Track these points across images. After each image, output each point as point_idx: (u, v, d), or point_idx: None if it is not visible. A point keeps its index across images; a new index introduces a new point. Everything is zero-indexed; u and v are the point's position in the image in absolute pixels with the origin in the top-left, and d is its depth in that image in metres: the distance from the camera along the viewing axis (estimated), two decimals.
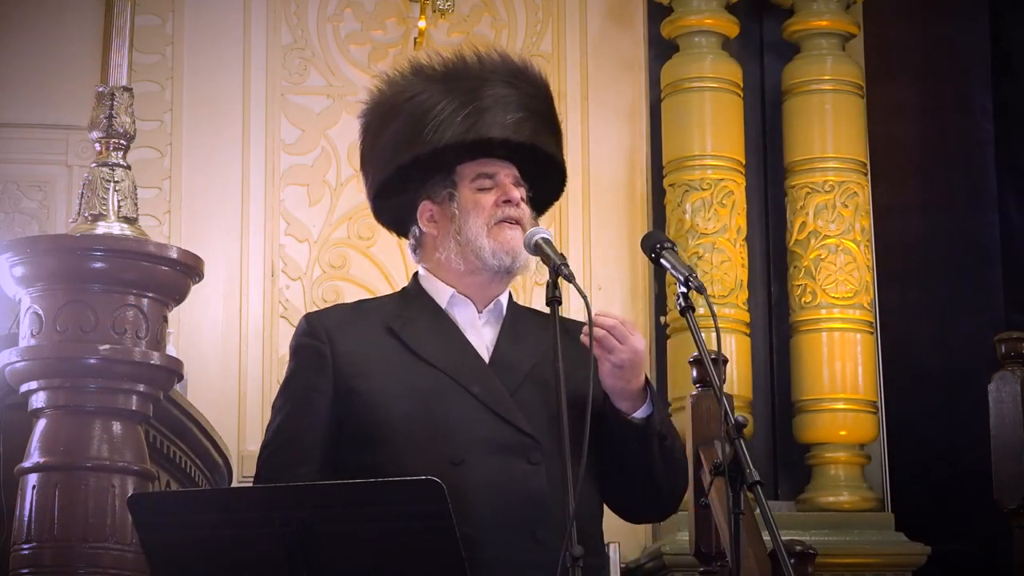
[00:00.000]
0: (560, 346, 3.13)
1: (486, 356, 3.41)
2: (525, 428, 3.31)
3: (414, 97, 3.51)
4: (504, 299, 3.49)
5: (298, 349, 3.45)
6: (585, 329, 3.24)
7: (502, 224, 3.43)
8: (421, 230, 3.53)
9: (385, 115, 3.57)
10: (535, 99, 3.54)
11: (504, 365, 3.39)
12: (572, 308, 6.13)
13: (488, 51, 3.58)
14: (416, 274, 3.55)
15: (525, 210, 3.48)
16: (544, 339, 3.29)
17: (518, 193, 3.47)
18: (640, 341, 3.31)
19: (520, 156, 3.51)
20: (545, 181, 3.59)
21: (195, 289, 4.14)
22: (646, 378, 3.37)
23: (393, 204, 3.61)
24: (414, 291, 3.52)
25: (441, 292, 3.47)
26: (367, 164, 3.65)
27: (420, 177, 3.52)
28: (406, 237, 3.62)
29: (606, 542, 3.52)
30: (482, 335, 3.45)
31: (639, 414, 3.35)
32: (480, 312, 3.46)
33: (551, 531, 3.18)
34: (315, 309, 3.62)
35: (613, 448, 3.36)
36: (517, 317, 3.49)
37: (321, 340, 3.41)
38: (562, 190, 3.66)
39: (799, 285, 7.13)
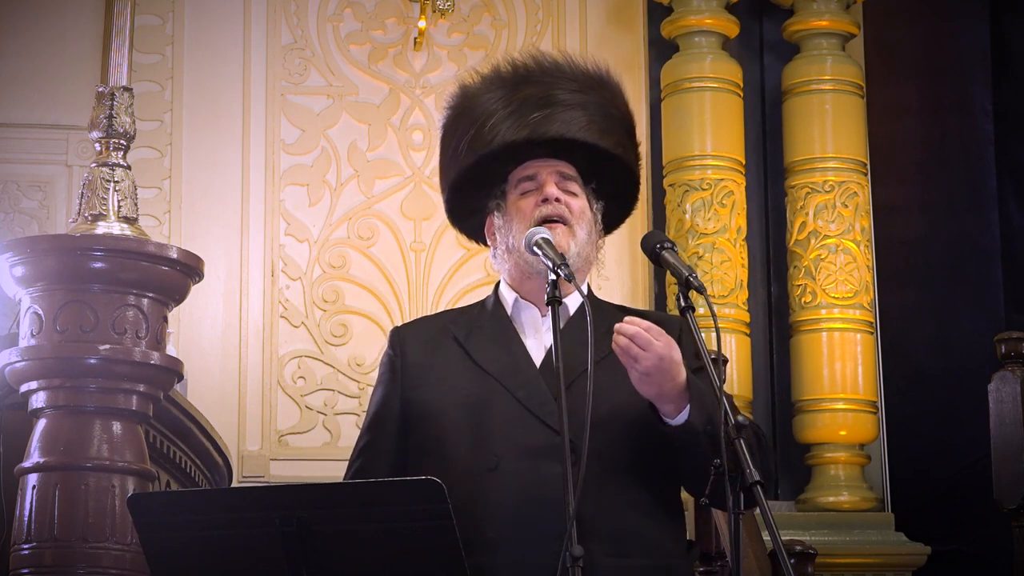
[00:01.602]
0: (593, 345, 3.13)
1: (540, 360, 3.41)
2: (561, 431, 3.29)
3: (476, 107, 3.51)
4: (571, 300, 3.46)
5: (382, 362, 3.55)
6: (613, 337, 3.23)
7: (542, 226, 3.41)
8: (489, 243, 3.55)
9: (454, 121, 3.55)
10: (600, 104, 3.52)
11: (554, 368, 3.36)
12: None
13: (553, 55, 3.56)
14: (498, 283, 3.58)
15: (572, 204, 3.45)
16: (609, 339, 3.26)
17: (555, 190, 3.44)
18: (665, 347, 3.22)
19: (580, 156, 3.48)
20: (614, 182, 3.56)
21: (195, 289, 4.14)
22: (689, 378, 3.26)
23: (469, 225, 3.62)
24: (492, 299, 3.54)
25: (508, 298, 3.50)
26: (442, 174, 3.63)
27: (485, 190, 3.52)
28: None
29: None
30: (542, 339, 3.43)
31: (678, 419, 3.26)
32: (544, 315, 3.45)
33: (582, 535, 3.16)
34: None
35: (672, 453, 3.31)
36: (586, 316, 3.38)
37: (395, 352, 3.50)
38: (635, 195, 3.63)
39: (799, 285, 7.13)
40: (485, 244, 3.61)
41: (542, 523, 3.22)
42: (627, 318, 3.27)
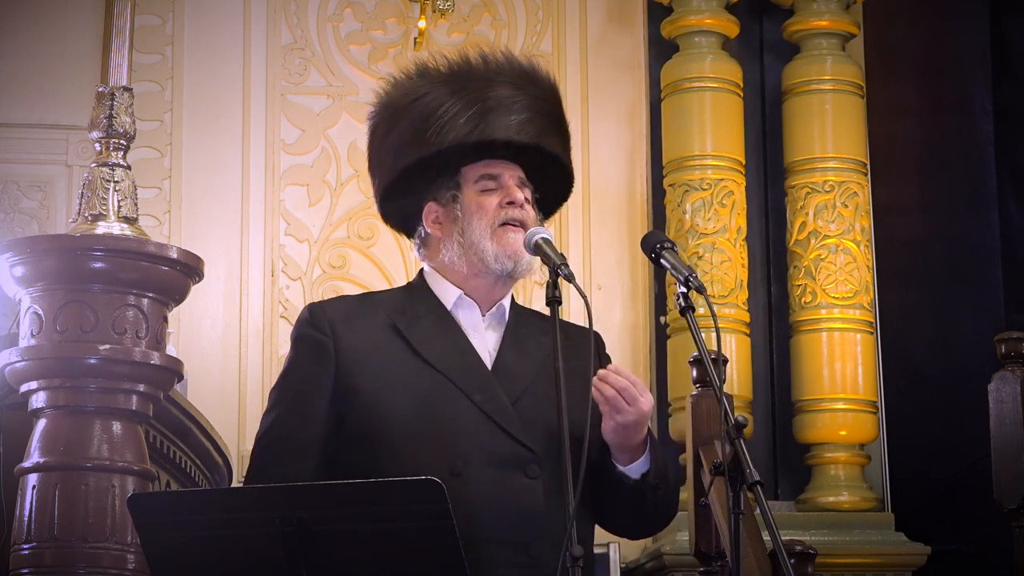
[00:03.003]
0: (560, 351, 3.13)
1: (488, 361, 3.38)
2: (525, 441, 3.28)
3: (419, 99, 3.50)
4: (507, 302, 3.46)
5: (299, 339, 3.40)
6: (595, 382, 3.23)
7: (505, 227, 3.40)
8: (426, 231, 3.49)
9: (391, 117, 3.56)
10: (542, 101, 3.51)
11: (506, 373, 3.36)
12: (572, 308, 6.14)
13: (494, 52, 3.55)
14: (422, 270, 3.52)
15: (529, 212, 3.44)
16: (545, 345, 3.28)
17: (522, 195, 3.43)
18: (648, 403, 3.25)
19: (526, 158, 3.48)
20: (552, 183, 3.55)
21: (195, 289, 4.14)
22: (648, 431, 3.32)
23: (400, 206, 3.56)
24: (420, 288, 3.48)
25: (447, 293, 3.44)
26: (374, 167, 3.63)
27: (426, 179, 3.49)
28: (412, 237, 3.58)
29: (606, 542, 3.52)
30: (485, 339, 3.41)
31: (635, 469, 3.31)
32: (484, 315, 3.43)
33: (546, 547, 3.17)
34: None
35: (605, 493, 3.34)
36: (520, 321, 3.44)
37: (324, 333, 3.37)
38: (569, 193, 3.62)
39: (799, 285, 7.13)
40: (403, 232, 3.57)
41: (508, 532, 3.22)
42: (612, 366, 3.29)
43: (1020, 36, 7.38)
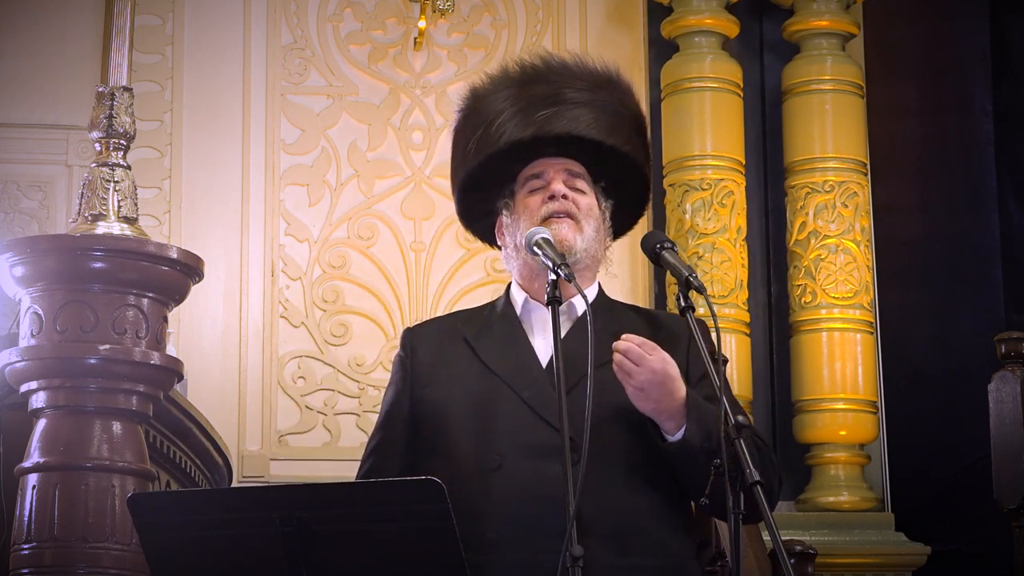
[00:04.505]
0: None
1: (546, 360, 3.40)
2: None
3: (484, 107, 3.50)
4: (578, 300, 3.42)
5: (393, 361, 3.57)
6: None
7: (548, 221, 3.41)
8: (500, 244, 3.55)
9: (464, 122, 3.56)
10: (610, 103, 3.50)
11: (562, 367, 3.33)
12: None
13: (564, 56, 3.55)
14: (510, 283, 3.57)
15: (579, 201, 3.44)
16: (619, 336, 3.27)
17: (562, 186, 3.43)
18: (659, 362, 3.23)
19: (588, 155, 3.47)
20: (626, 182, 3.55)
21: (195, 289, 4.14)
22: (689, 395, 3.27)
23: (484, 226, 3.60)
24: (503, 300, 3.55)
25: (518, 298, 3.50)
26: (452, 175, 3.62)
27: (495, 190, 3.52)
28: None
29: None
30: (550, 339, 3.38)
31: (676, 436, 3.27)
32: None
33: (583, 535, 3.15)
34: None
35: (673, 471, 3.32)
36: (595, 316, 3.33)
37: (406, 352, 3.52)
38: (647, 191, 3.61)
39: (799, 285, 7.13)
40: (497, 246, 3.60)
41: (545, 523, 3.22)
42: (624, 335, 3.28)
43: (1020, 36, 7.39)
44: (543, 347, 3.43)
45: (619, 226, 3.61)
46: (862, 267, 7.13)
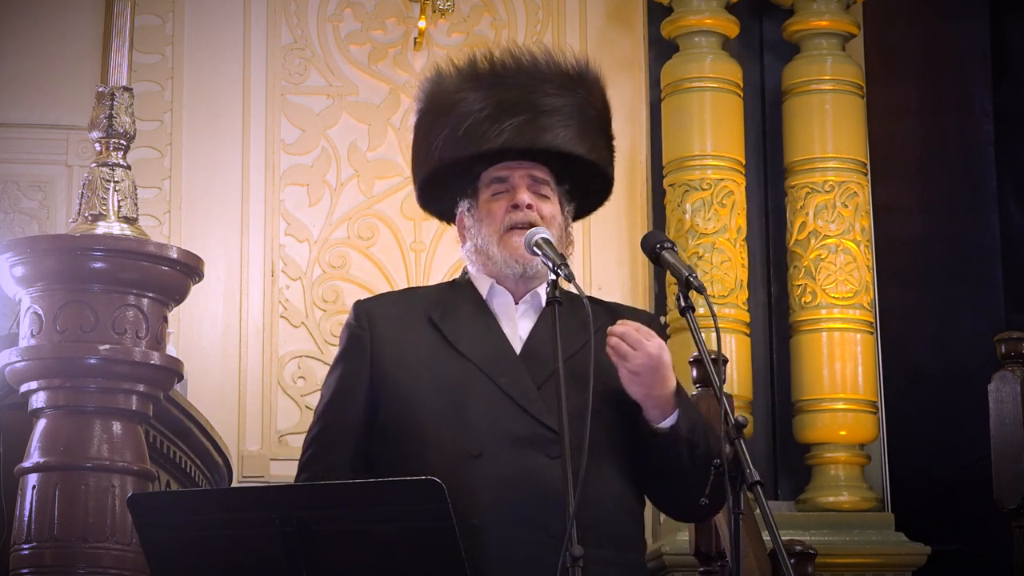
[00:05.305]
0: (594, 337, 3.17)
1: (518, 347, 3.40)
2: (546, 421, 3.29)
3: (460, 100, 3.50)
4: (543, 290, 3.42)
5: (343, 335, 3.48)
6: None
7: (511, 232, 3.42)
8: (460, 235, 3.55)
9: (431, 114, 3.56)
10: (579, 106, 3.50)
11: (535, 357, 3.37)
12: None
13: (535, 51, 3.54)
14: (465, 267, 3.57)
15: (542, 209, 3.44)
16: (585, 329, 3.26)
17: (526, 196, 3.44)
18: (655, 347, 3.26)
19: (554, 158, 3.48)
20: (590, 181, 3.56)
21: (195, 289, 4.14)
22: (678, 385, 3.32)
23: (438, 208, 3.63)
24: (462, 281, 3.53)
25: (483, 283, 3.48)
26: (414, 162, 3.65)
27: (459, 181, 3.53)
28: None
29: None
30: (518, 326, 3.43)
31: (665, 423, 3.30)
32: (517, 303, 3.45)
33: (564, 526, 3.17)
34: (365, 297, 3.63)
35: (645, 454, 3.34)
36: (564, 305, 3.35)
37: (363, 327, 3.43)
38: (609, 188, 3.63)
39: (799, 285, 7.13)
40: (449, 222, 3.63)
41: (527, 511, 3.23)
42: (620, 320, 3.30)
43: (1020, 36, 7.39)
44: (511, 335, 3.42)
45: (582, 213, 3.63)
46: (862, 267, 7.12)
